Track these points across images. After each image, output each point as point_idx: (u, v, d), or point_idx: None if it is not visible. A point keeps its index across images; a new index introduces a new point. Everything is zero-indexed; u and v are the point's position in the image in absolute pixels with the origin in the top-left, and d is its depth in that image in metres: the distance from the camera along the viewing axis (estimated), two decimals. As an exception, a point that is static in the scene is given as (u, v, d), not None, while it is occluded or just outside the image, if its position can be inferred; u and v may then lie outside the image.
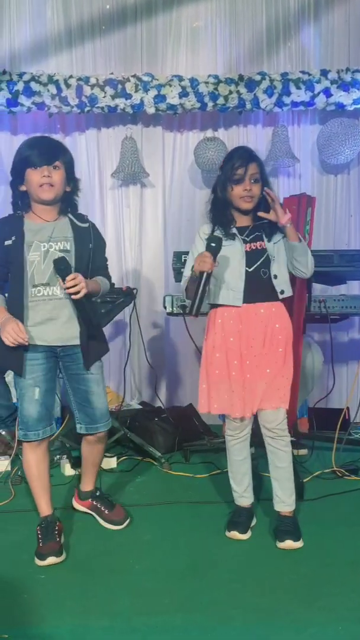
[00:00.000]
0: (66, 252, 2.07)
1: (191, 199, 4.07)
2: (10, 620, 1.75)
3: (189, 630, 1.70)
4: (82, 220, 2.17)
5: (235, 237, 2.23)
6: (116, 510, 2.38)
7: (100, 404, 2.20)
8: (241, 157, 2.20)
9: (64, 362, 2.16)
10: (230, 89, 3.74)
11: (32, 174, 2.05)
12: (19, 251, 2.05)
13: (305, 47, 3.96)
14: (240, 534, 2.26)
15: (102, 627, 1.72)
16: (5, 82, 3.67)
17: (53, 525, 2.17)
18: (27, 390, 2.10)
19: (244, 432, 2.30)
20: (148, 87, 3.72)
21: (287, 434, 2.25)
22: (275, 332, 2.22)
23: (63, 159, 2.09)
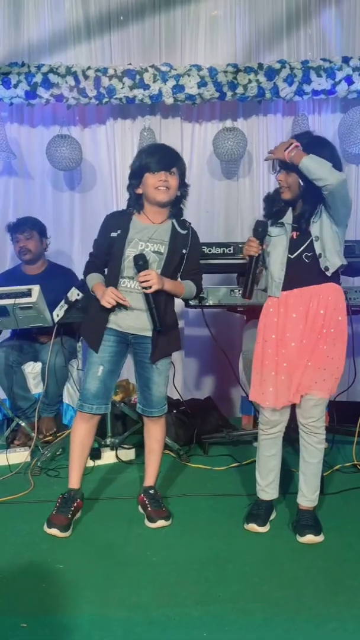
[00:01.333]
0: (159, 254, 2.27)
1: (210, 190, 4.04)
2: (29, 610, 1.76)
3: (207, 623, 1.69)
4: (183, 227, 2.33)
5: (284, 226, 2.21)
6: (159, 510, 2.35)
7: (158, 392, 2.36)
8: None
9: (134, 348, 2.34)
10: (250, 77, 3.68)
11: (150, 177, 2.24)
12: (121, 244, 2.25)
13: (326, 34, 3.88)
14: (259, 527, 2.25)
15: (120, 618, 1.72)
16: (23, 75, 3.67)
17: (73, 500, 2.27)
18: (92, 366, 2.29)
19: (275, 430, 2.26)
20: (166, 77, 3.68)
21: (322, 431, 2.21)
22: (318, 317, 2.15)
23: (178, 166, 2.29)
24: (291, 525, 2.26)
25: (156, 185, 2.23)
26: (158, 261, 2.26)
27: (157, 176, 2.22)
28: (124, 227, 2.27)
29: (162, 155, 2.28)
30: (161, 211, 2.30)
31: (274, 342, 2.21)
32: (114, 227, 2.29)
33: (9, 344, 3.33)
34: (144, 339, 2.29)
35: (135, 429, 3.22)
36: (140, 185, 2.27)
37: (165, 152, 2.31)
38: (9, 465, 2.87)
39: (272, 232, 2.24)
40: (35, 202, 4.00)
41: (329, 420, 3.36)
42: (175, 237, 2.29)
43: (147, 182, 2.24)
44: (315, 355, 2.16)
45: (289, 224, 2.21)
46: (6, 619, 1.72)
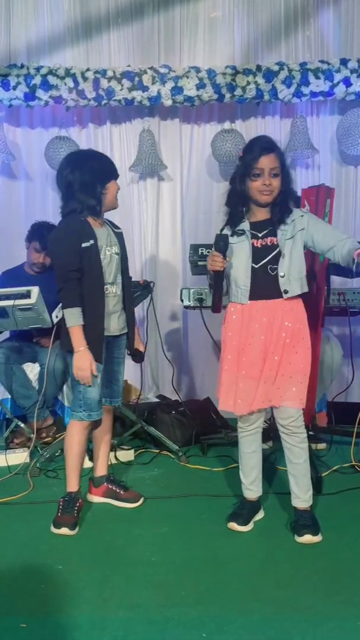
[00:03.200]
0: (118, 255, 2.39)
1: (208, 191, 4.05)
2: (29, 610, 1.76)
3: (206, 622, 1.70)
4: (116, 227, 2.47)
5: (244, 233, 2.20)
6: (130, 491, 2.52)
7: (122, 382, 2.56)
8: (261, 148, 2.16)
9: (111, 347, 2.44)
10: (248, 79, 3.69)
11: (114, 185, 2.38)
12: (97, 254, 2.29)
13: (324, 36, 3.89)
14: (239, 526, 2.26)
15: (119, 618, 1.72)
16: (22, 76, 3.68)
17: (75, 500, 2.34)
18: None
19: (253, 426, 2.28)
20: (165, 79, 3.69)
21: (303, 430, 2.22)
22: (283, 329, 2.17)
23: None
24: (289, 525, 2.26)
25: (116, 191, 2.40)
26: (117, 262, 2.38)
27: (118, 184, 2.41)
28: (93, 236, 2.28)
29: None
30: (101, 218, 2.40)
31: (235, 349, 2.22)
32: (83, 237, 2.26)
33: (8, 344, 3.34)
34: (120, 337, 2.45)
35: (134, 430, 3.23)
36: (104, 191, 2.34)
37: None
38: (8, 466, 2.88)
39: (232, 240, 2.21)
40: (35, 204, 4.01)
41: (327, 421, 3.38)
42: (118, 237, 2.44)
43: (111, 188, 2.37)
44: (282, 365, 2.18)
45: (248, 231, 2.21)
46: (6, 619, 1.72)
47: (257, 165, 2.14)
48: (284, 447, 2.25)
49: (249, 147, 2.21)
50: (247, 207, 2.24)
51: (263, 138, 2.29)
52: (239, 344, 2.22)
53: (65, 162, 2.33)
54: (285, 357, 2.18)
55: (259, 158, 2.14)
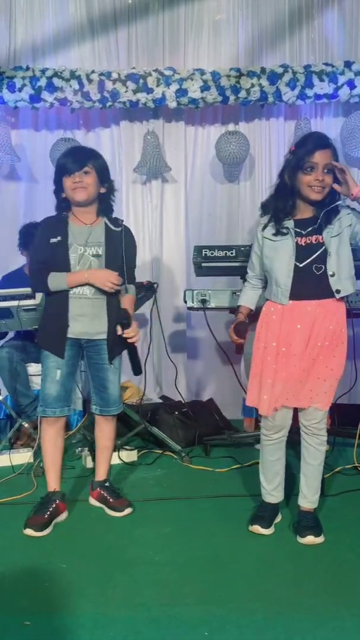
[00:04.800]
0: (98, 257, 2.30)
1: (212, 193, 4.06)
2: (33, 608, 1.78)
3: (208, 622, 1.71)
4: (116, 225, 2.36)
5: (289, 232, 2.16)
6: (120, 499, 2.46)
7: (115, 391, 2.42)
8: (316, 143, 2.10)
9: (88, 352, 2.38)
10: (252, 81, 3.71)
11: (66, 180, 2.28)
12: (65, 250, 2.27)
13: (328, 38, 3.90)
14: (263, 529, 2.25)
15: (122, 617, 1.73)
16: (28, 78, 3.70)
17: (51, 502, 2.32)
18: (50, 371, 2.32)
19: (278, 435, 2.25)
20: (170, 81, 3.71)
21: (324, 433, 2.20)
22: (323, 332, 2.13)
23: (93, 164, 2.30)
24: (292, 526, 2.27)
25: (72, 187, 2.26)
26: (98, 264, 2.29)
27: (72, 178, 2.26)
28: (62, 233, 2.28)
29: (74, 156, 2.30)
30: (88, 210, 2.33)
31: (275, 350, 2.19)
32: (52, 233, 2.28)
33: (13, 344, 3.36)
34: (96, 342, 2.34)
35: (137, 431, 3.24)
36: (63, 190, 2.31)
37: (78, 153, 2.35)
38: (12, 466, 2.90)
39: (273, 238, 2.19)
40: (40, 206, 4.02)
41: (330, 423, 3.37)
42: (110, 236, 2.32)
43: (65, 185, 2.28)
44: (316, 367, 2.15)
45: (292, 229, 2.16)
46: (10, 617, 1.74)
47: (311, 159, 2.08)
48: (302, 446, 2.24)
49: (302, 141, 2.16)
50: (294, 203, 2.17)
51: (318, 133, 2.25)
52: (278, 345, 2.18)
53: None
54: (322, 359, 2.14)
55: (313, 152, 2.08)
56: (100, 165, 2.33)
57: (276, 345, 2.19)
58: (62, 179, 2.29)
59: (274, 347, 2.19)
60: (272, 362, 2.19)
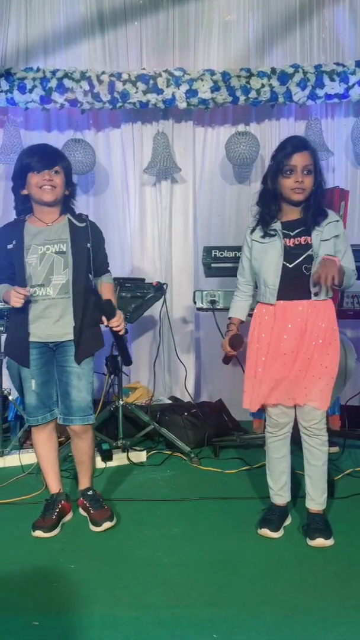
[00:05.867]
0: (62, 254, 2.21)
1: (222, 193, 4.05)
2: (41, 608, 1.78)
3: (216, 624, 1.70)
4: (80, 220, 2.29)
5: (277, 233, 2.18)
6: (101, 511, 2.32)
7: (79, 398, 2.25)
8: (294, 146, 2.14)
9: (56, 355, 2.29)
10: (263, 82, 3.70)
11: (33, 177, 2.18)
12: (20, 254, 2.20)
13: (339, 38, 3.88)
14: (272, 532, 2.24)
15: (130, 618, 1.73)
16: (38, 80, 3.72)
17: (56, 503, 2.31)
18: (25, 381, 2.30)
19: (283, 431, 2.26)
20: (180, 82, 3.71)
21: (324, 433, 2.20)
22: (316, 330, 2.15)
23: (62, 164, 2.24)
24: (301, 528, 2.26)
25: (40, 184, 2.17)
26: (64, 261, 2.20)
27: (41, 175, 2.17)
28: (18, 237, 2.21)
29: (43, 154, 2.21)
30: (51, 211, 2.25)
31: (267, 351, 2.20)
32: (7, 238, 2.23)
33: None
34: (64, 344, 2.24)
35: (146, 432, 3.24)
36: (25, 186, 2.22)
37: (47, 151, 2.25)
38: (22, 466, 2.91)
39: (262, 241, 2.20)
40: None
41: (340, 425, 3.36)
42: (75, 232, 2.24)
43: (31, 182, 2.18)
44: (312, 366, 2.16)
45: (280, 231, 2.19)
46: (18, 617, 1.74)
47: (289, 162, 2.12)
48: (303, 448, 2.23)
49: (282, 146, 2.20)
50: (279, 206, 2.22)
51: (296, 137, 2.29)
52: (270, 344, 2.19)
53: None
54: (317, 357, 2.16)
55: (292, 155, 2.12)
56: (68, 167, 2.27)
57: (269, 347, 2.20)
58: (26, 175, 2.19)
59: (266, 348, 2.21)
60: (265, 364, 2.21)
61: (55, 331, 2.22)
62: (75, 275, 2.21)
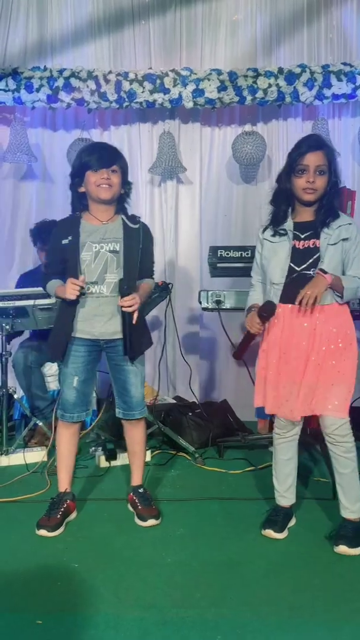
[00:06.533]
0: (115, 253, 2.25)
1: (228, 194, 4.05)
2: (45, 607, 1.78)
3: (220, 625, 1.70)
4: (134, 222, 2.33)
5: (286, 233, 2.15)
6: (149, 508, 2.38)
7: (137, 394, 2.36)
8: (308, 146, 2.11)
9: (108, 353, 2.34)
10: (270, 82, 3.69)
11: (91, 175, 2.23)
12: (75, 250, 2.24)
13: (347, 38, 3.86)
14: (276, 533, 2.23)
15: (134, 618, 1.73)
16: (45, 79, 3.72)
17: (62, 502, 2.33)
18: (67, 377, 2.32)
19: (291, 432, 2.24)
20: (186, 82, 3.70)
21: (349, 440, 2.13)
22: (326, 335, 2.10)
23: (120, 164, 2.28)
24: (330, 533, 2.21)
25: (98, 182, 2.22)
26: (117, 260, 2.24)
27: (99, 174, 2.21)
28: (74, 233, 2.25)
29: (102, 153, 2.26)
30: (107, 209, 2.29)
31: (277, 353, 2.18)
32: (63, 234, 2.27)
33: (28, 344, 3.38)
34: (116, 341, 2.27)
35: (150, 431, 3.24)
36: (82, 184, 2.27)
37: (106, 150, 2.29)
38: (26, 464, 2.91)
39: (272, 240, 2.19)
40: (57, 205, 4.04)
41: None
42: (128, 232, 2.28)
43: (89, 180, 2.23)
44: (325, 372, 2.11)
45: (291, 231, 2.16)
46: (22, 615, 1.74)
47: (302, 161, 2.10)
48: (330, 456, 2.19)
49: (297, 144, 2.17)
50: (292, 206, 2.19)
51: (313, 136, 2.27)
52: (279, 348, 2.17)
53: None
54: (329, 363, 2.10)
55: (305, 154, 2.10)
56: (125, 166, 2.33)
57: (278, 349, 2.18)
58: (84, 173, 2.24)
59: (276, 351, 2.19)
60: (274, 366, 2.19)
61: (108, 329, 2.26)
62: (127, 275, 2.24)
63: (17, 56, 3.90)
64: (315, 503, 2.51)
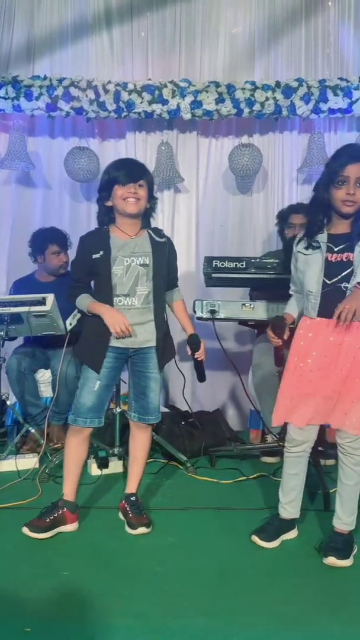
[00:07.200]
0: (145, 266, 2.31)
1: (225, 204, 4.08)
2: (33, 614, 1.78)
3: (209, 635, 1.70)
4: (160, 235, 2.40)
5: (320, 246, 2.12)
6: (140, 517, 2.38)
7: (155, 400, 2.42)
8: (350, 155, 2.07)
9: (133, 360, 2.39)
10: (267, 95, 3.73)
11: (119, 189, 2.28)
12: (107, 265, 2.28)
13: (344, 54, 3.92)
14: (261, 541, 2.23)
15: (123, 626, 1.73)
16: (45, 87, 3.75)
17: (58, 509, 2.32)
18: (88, 381, 2.31)
19: (298, 449, 2.22)
20: (185, 93, 3.75)
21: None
22: (352, 352, 2.07)
23: (146, 179, 2.33)
24: (319, 544, 2.21)
25: (125, 196, 2.27)
26: (147, 273, 2.30)
27: (127, 188, 2.26)
28: (105, 248, 2.29)
29: (130, 168, 2.32)
30: (134, 223, 2.34)
31: (294, 364, 2.18)
32: (94, 249, 2.30)
33: (22, 351, 3.38)
34: (144, 350, 2.34)
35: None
36: (110, 198, 2.31)
37: (133, 166, 2.36)
38: (18, 471, 2.91)
39: (305, 252, 2.17)
40: (53, 213, 4.06)
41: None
42: (156, 246, 2.34)
43: (117, 194, 2.28)
44: (348, 388, 2.09)
45: (324, 243, 2.13)
46: (11, 622, 1.74)
47: (342, 172, 2.05)
48: (338, 465, 2.18)
49: (337, 154, 2.13)
50: (329, 217, 2.16)
51: (353, 145, 2.22)
52: (299, 359, 2.16)
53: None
54: (354, 380, 2.07)
55: (345, 165, 2.05)
56: (152, 181, 2.38)
57: (297, 360, 2.17)
58: (112, 188, 2.29)
59: (295, 362, 2.18)
60: (291, 377, 2.19)
61: (138, 337, 2.31)
62: (156, 287, 2.33)
63: (16, 63, 3.92)
64: (307, 514, 2.52)
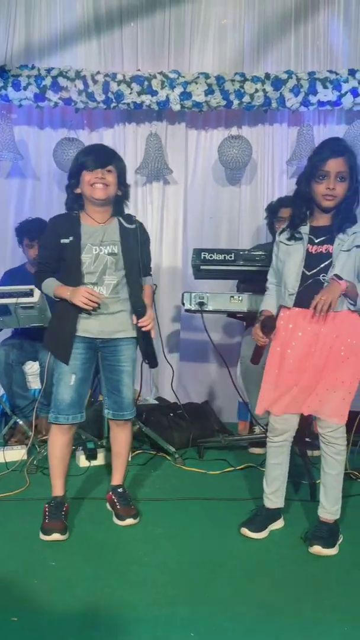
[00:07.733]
0: (114, 255, 2.26)
1: (214, 196, 4.08)
2: (20, 604, 1.79)
3: (195, 623, 1.72)
4: (130, 222, 2.33)
5: (302, 238, 2.15)
6: (127, 508, 2.39)
7: (129, 395, 2.35)
8: (331, 150, 2.08)
9: (103, 352, 2.32)
10: (257, 87, 3.73)
11: (87, 175, 2.22)
12: (76, 251, 2.23)
13: (333, 46, 3.92)
14: (251, 532, 2.25)
15: (110, 616, 1.74)
16: (33, 77, 3.72)
17: (61, 505, 2.29)
18: (63, 376, 2.26)
19: (280, 438, 2.25)
20: (174, 84, 3.73)
21: (341, 442, 2.15)
22: (329, 342, 2.10)
23: (116, 165, 2.27)
24: (305, 534, 2.23)
25: (92, 182, 2.21)
26: (115, 263, 2.26)
27: (94, 174, 2.21)
28: (75, 234, 2.24)
29: (98, 153, 2.27)
30: (104, 210, 2.28)
31: (278, 354, 2.21)
32: (64, 233, 2.25)
33: (10, 342, 3.37)
34: (114, 341, 2.29)
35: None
36: (78, 185, 2.26)
37: (101, 151, 2.30)
38: (6, 463, 2.91)
39: (287, 242, 2.19)
40: (41, 204, 4.04)
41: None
42: (125, 234, 2.29)
43: (84, 179, 2.23)
44: (325, 377, 2.12)
45: (306, 235, 2.16)
46: (-3, 612, 1.74)
47: (323, 167, 2.07)
48: (321, 455, 2.21)
49: (318, 148, 2.15)
50: (311, 210, 2.18)
51: (335, 140, 2.23)
52: (281, 350, 2.18)
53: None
54: (331, 369, 2.11)
55: (326, 160, 2.07)
56: (122, 168, 2.31)
57: (279, 351, 2.20)
58: (80, 173, 2.24)
59: (277, 352, 2.21)
60: (274, 367, 2.21)
61: (105, 328, 2.26)
62: (129, 276, 2.27)
63: (6, 57, 3.88)
64: (293, 504, 2.54)
